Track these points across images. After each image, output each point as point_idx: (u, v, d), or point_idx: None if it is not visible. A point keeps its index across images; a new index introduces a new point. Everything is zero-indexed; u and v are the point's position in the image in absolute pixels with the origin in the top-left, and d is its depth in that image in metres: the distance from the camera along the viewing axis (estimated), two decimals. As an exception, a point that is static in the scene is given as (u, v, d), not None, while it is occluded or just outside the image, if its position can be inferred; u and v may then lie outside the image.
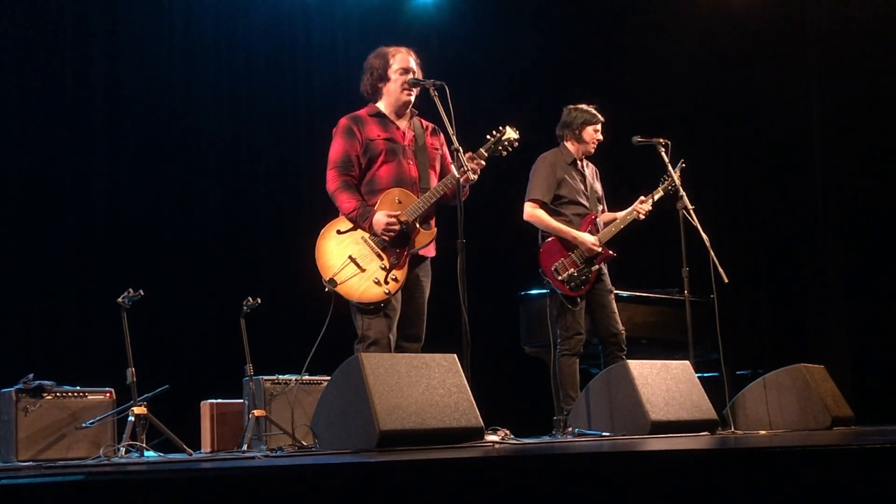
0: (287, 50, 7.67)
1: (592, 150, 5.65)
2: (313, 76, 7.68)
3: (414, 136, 4.58)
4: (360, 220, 4.38)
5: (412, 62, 4.57)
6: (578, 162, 5.64)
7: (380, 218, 4.35)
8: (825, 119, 8.04)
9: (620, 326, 5.50)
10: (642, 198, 5.57)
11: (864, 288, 7.68)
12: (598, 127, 5.63)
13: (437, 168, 4.65)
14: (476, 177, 4.38)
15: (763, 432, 5.26)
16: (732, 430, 5.25)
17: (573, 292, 5.40)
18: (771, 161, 8.29)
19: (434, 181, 4.58)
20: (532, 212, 5.53)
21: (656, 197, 5.57)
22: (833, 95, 7.97)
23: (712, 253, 5.27)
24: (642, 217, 5.55)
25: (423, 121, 4.68)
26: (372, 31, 7.90)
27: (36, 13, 6.50)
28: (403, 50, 4.60)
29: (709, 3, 8.36)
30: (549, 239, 5.53)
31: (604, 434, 4.77)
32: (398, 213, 4.38)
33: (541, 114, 8.09)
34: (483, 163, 4.41)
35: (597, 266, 5.45)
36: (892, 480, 2.44)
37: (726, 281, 5.23)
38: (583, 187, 5.59)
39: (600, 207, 5.64)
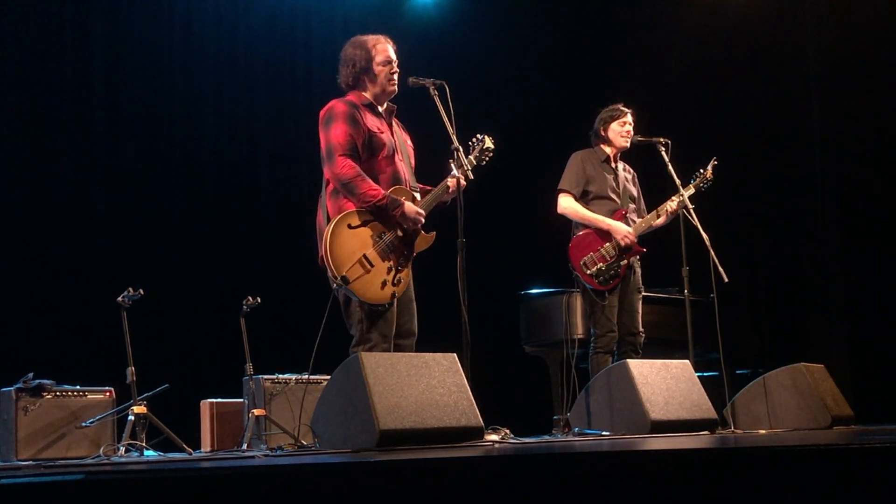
0: (287, 50, 7.68)
1: (626, 144, 5.61)
2: (313, 76, 7.68)
3: (394, 132, 4.51)
4: (391, 208, 4.23)
5: (392, 52, 4.48)
6: (612, 161, 5.64)
7: (411, 207, 4.28)
8: (825, 118, 8.04)
9: (641, 328, 5.49)
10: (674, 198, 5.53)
11: (863, 287, 7.68)
12: (625, 119, 5.62)
13: (412, 167, 4.58)
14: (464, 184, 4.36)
15: (763, 432, 5.26)
16: (732, 429, 5.25)
17: (602, 287, 5.37)
18: (771, 160, 8.29)
19: (414, 181, 4.54)
20: (565, 203, 5.51)
21: (686, 195, 5.46)
22: (833, 95, 7.97)
23: (712, 252, 5.26)
24: (669, 213, 5.49)
25: (394, 117, 4.59)
26: (372, 30, 7.86)
27: (36, 13, 6.50)
28: (382, 39, 4.49)
29: (708, 3, 8.36)
30: (580, 233, 5.51)
31: (604, 433, 4.77)
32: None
33: (540, 113, 8.15)
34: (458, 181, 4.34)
35: (626, 261, 5.44)
36: (892, 480, 2.44)
37: (726, 280, 5.22)
38: (614, 185, 5.59)
39: (632, 206, 5.63)
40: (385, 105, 4.52)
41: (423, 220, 4.33)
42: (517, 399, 7.01)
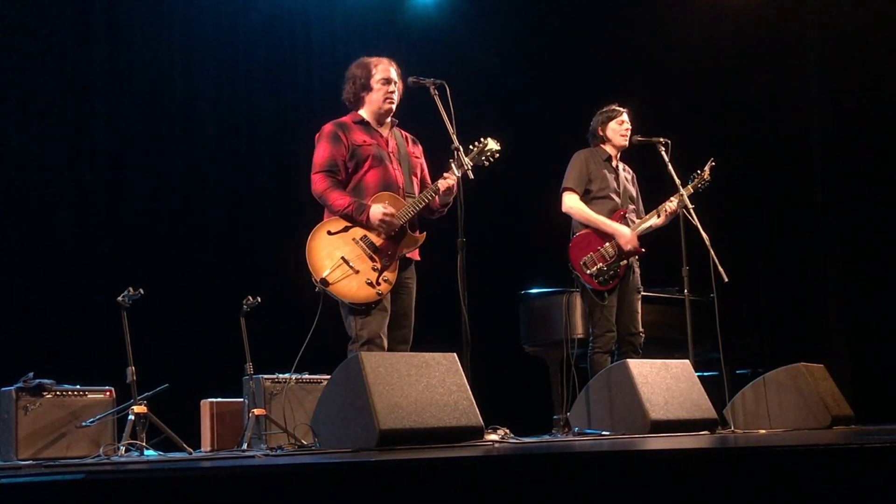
0: (287, 50, 7.68)
1: (626, 143, 5.63)
2: (313, 76, 7.68)
3: (396, 144, 4.66)
4: (357, 214, 4.40)
5: (394, 73, 4.64)
6: (613, 160, 5.65)
7: (376, 210, 4.39)
8: (825, 118, 8.03)
9: (640, 328, 5.48)
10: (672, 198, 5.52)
11: (863, 287, 7.67)
12: (622, 118, 5.63)
13: (419, 176, 4.73)
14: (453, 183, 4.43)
15: (763, 431, 5.26)
16: (732, 429, 5.25)
17: (601, 287, 5.37)
18: (771, 160, 8.29)
19: (416, 189, 4.65)
20: (571, 201, 5.51)
21: (685, 193, 5.44)
22: (833, 95, 7.97)
23: (712, 252, 5.26)
24: (668, 213, 5.47)
25: (402, 130, 4.75)
26: (372, 30, 7.91)
27: (36, 12, 6.50)
28: (385, 60, 4.66)
29: (709, 3, 8.36)
30: (580, 233, 5.50)
31: (603, 433, 4.77)
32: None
33: (540, 113, 8.15)
34: (454, 181, 4.42)
35: (625, 261, 5.43)
36: (892, 480, 2.44)
37: (726, 280, 5.22)
38: (615, 185, 5.59)
39: (631, 207, 5.63)
40: (387, 122, 4.66)
41: (390, 222, 4.39)
42: (517, 399, 7.01)
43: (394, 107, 4.62)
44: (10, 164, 6.35)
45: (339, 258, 4.35)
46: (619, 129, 5.62)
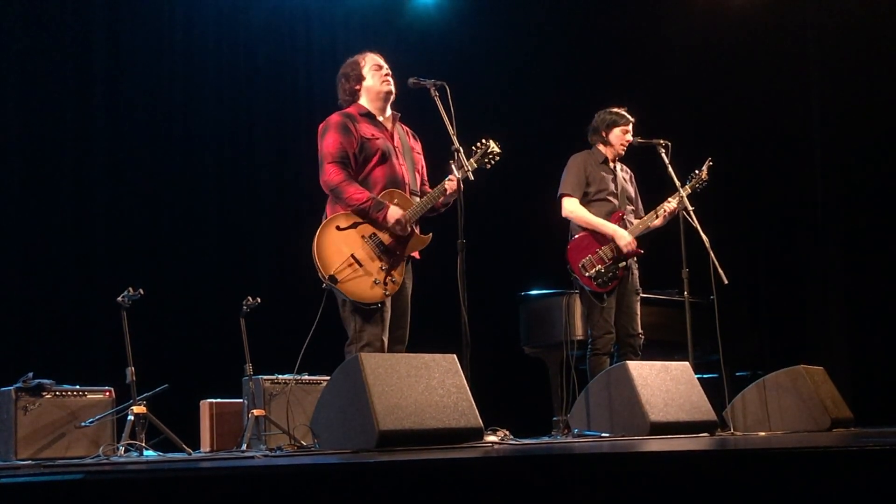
0: (287, 50, 7.68)
1: (622, 152, 5.64)
2: (313, 76, 7.68)
3: (400, 139, 4.62)
4: (374, 212, 4.34)
5: (381, 60, 4.63)
6: (611, 162, 5.64)
7: (395, 211, 4.35)
8: (825, 119, 8.04)
9: (639, 329, 5.48)
10: (669, 199, 5.53)
11: (863, 288, 7.67)
12: (627, 128, 5.62)
13: (420, 172, 4.70)
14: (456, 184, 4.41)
15: (762, 434, 5.26)
16: (732, 431, 5.25)
17: (600, 289, 5.37)
18: (771, 161, 8.29)
19: (419, 184, 4.63)
20: (570, 206, 5.50)
21: (684, 194, 5.45)
22: (833, 95, 7.97)
23: (712, 254, 5.26)
24: (667, 214, 5.49)
25: (403, 125, 4.72)
26: (372, 31, 7.91)
27: (36, 13, 6.50)
28: (369, 53, 4.66)
29: (709, 3, 8.36)
30: (578, 235, 5.50)
31: (603, 435, 4.77)
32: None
33: (540, 114, 8.15)
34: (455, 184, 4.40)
35: (624, 263, 5.44)
36: (892, 482, 2.44)
37: (726, 282, 5.22)
38: (613, 186, 5.59)
39: (629, 208, 5.63)
40: (388, 113, 4.63)
41: (405, 225, 4.37)
42: (517, 400, 7.00)
43: (392, 88, 4.58)
44: (9, 163, 6.35)
45: (348, 256, 4.30)
46: (622, 136, 5.61)
